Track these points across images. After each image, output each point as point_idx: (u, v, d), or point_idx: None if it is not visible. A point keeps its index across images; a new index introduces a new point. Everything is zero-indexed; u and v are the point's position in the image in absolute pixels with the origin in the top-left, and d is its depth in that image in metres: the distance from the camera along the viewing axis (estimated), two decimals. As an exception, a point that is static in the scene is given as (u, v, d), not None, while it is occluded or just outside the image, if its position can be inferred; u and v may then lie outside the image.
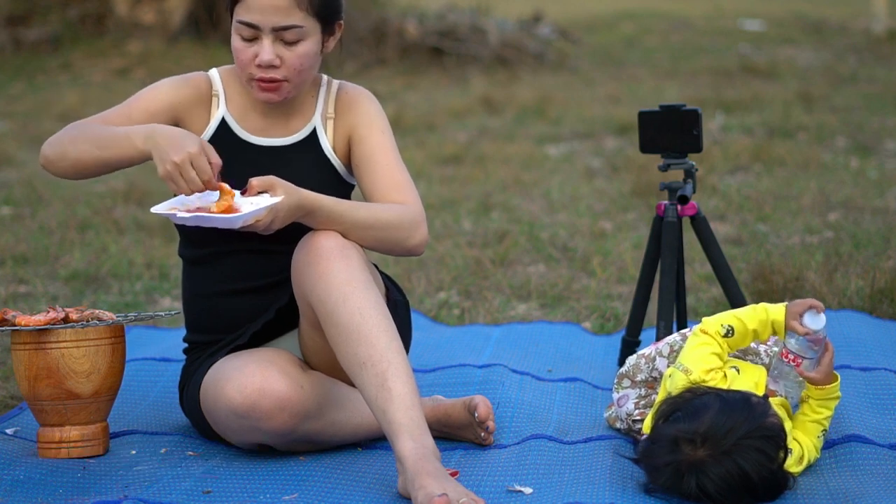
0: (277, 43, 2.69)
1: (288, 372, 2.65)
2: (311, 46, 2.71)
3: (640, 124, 3.32)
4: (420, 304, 4.17)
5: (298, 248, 2.68)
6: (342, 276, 2.60)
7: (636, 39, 12.72)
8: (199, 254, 2.86)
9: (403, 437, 2.44)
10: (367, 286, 2.61)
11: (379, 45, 11.04)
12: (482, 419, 2.79)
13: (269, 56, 2.68)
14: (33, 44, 11.74)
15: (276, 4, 2.66)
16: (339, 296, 2.58)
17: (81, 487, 2.55)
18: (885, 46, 11.40)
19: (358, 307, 2.56)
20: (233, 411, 2.62)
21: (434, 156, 7.16)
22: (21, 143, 8.00)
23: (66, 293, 4.38)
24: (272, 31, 2.67)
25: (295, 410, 2.62)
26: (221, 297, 2.84)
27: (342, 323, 2.56)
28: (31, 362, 2.70)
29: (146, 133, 2.63)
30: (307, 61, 2.72)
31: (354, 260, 2.63)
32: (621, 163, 6.72)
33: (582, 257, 4.73)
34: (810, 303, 2.63)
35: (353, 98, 2.86)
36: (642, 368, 2.89)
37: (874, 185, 5.91)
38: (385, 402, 2.48)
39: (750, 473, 2.35)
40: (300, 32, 2.68)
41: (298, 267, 2.67)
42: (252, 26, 2.68)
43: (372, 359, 2.52)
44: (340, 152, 2.85)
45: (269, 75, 2.71)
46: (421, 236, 2.76)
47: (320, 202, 2.63)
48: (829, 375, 2.65)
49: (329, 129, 2.84)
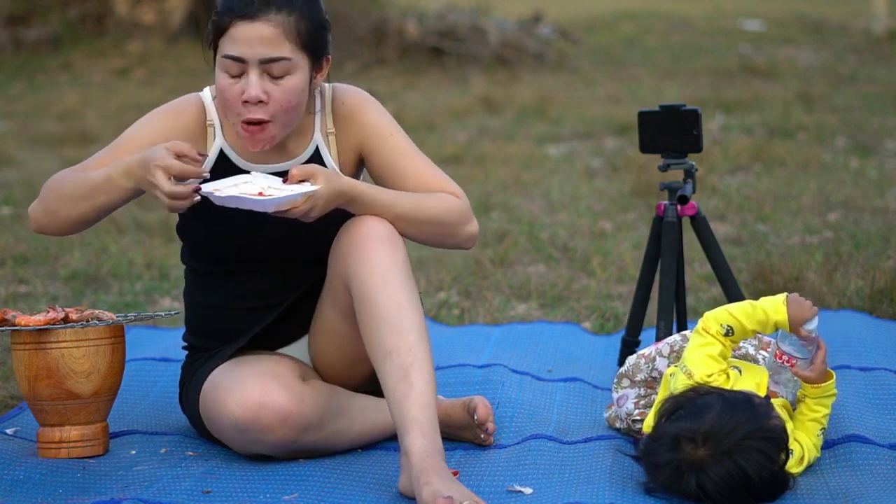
0: (264, 77, 2.58)
1: (289, 385, 2.63)
2: (298, 82, 2.61)
3: (640, 124, 3.32)
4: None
5: (344, 228, 2.64)
6: (387, 261, 2.58)
7: (636, 39, 12.72)
8: (203, 268, 2.83)
9: (415, 433, 2.43)
10: (408, 278, 2.59)
11: (379, 45, 11.04)
12: (481, 420, 2.78)
13: (255, 91, 2.57)
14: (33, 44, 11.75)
15: (264, 35, 2.56)
16: (381, 281, 2.56)
17: (81, 487, 2.55)
18: (885, 46, 11.39)
19: (395, 296, 2.55)
20: (233, 425, 2.62)
21: (434, 156, 7.10)
22: (21, 143, 8.00)
23: (66, 293, 4.38)
24: (259, 63, 2.57)
25: (296, 423, 2.61)
26: (224, 311, 2.82)
27: (378, 308, 2.54)
28: (31, 362, 2.70)
29: (125, 170, 2.56)
30: (294, 98, 2.61)
31: (400, 249, 2.61)
32: (621, 163, 6.72)
33: (582, 257, 4.73)
34: (814, 311, 2.62)
35: (352, 108, 2.78)
36: (642, 368, 2.89)
37: (874, 185, 5.91)
38: (403, 395, 2.47)
39: (750, 474, 2.35)
40: (288, 66, 2.59)
41: (341, 247, 2.63)
42: (238, 60, 2.57)
43: (399, 350, 2.51)
44: (347, 167, 2.78)
45: (256, 116, 2.60)
46: (473, 228, 2.73)
47: (360, 190, 2.59)
48: (824, 373, 2.65)
49: (332, 144, 2.77)
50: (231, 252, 2.77)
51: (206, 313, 2.86)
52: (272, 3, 2.57)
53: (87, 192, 2.62)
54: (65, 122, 8.78)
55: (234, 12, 2.57)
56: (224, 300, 2.82)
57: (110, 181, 2.58)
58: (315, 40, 2.63)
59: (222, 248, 2.77)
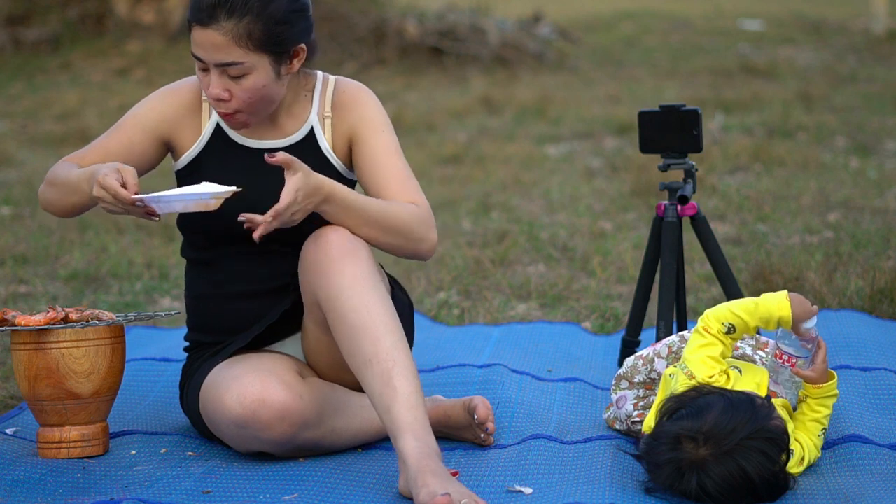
0: (224, 76, 2.67)
1: (287, 381, 2.64)
2: (258, 79, 2.67)
3: (640, 124, 3.32)
4: (420, 304, 4.17)
5: (307, 243, 2.68)
6: (351, 272, 2.60)
7: (636, 39, 12.71)
8: (202, 256, 2.86)
9: (407, 436, 2.44)
10: (376, 284, 2.61)
11: (379, 45, 11.04)
12: (482, 420, 2.79)
13: (215, 90, 2.67)
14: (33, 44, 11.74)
15: (214, 42, 2.63)
16: (348, 292, 2.58)
17: (81, 487, 2.55)
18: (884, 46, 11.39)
19: (365, 304, 2.57)
20: (232, 421, 2.63)
21: (434, 156, 7.16)
22: (21, 143, 8.00)
23: (66, 293, 4.38)
24: (216, 66, 2.66)
25: (294, 420, 2.62)
26: (224, 300, 2.84)
27: (349, 320, 2.56)
28: (30, 362, 2.70)
29: (87, 177, 2.65)
30: (256, 94, 2.68)
31: (363, 257, 2.63)
32: (621, 163, 6.72)
33: (582, 257, 4.73)
34: (815, 310, 2.62)
35: (353, 97, 2.84)
36: (640, 370, 2.89)
37: (874, 185, 5.91)
38: (389, 400, 2.48)
39: (751, 474, 2.35)
40: (243, 68, 2.65)
41: (307, 263, 2.66)
42: (200, 60, 2.67)
43: (378, 356, 2.52)
44: (340, 151, 2.83)
45: (221, 109, 2.70)
46: (433, 240, 2.76)
47: (337, 189, 2.62)
48: (825, 373, 2.65)
49: (327, 128, 2.82)
50: (225, 238, 2.79)
51: (206, 304, 2.88)
52: (221, 11, 2.62)
53: (68, 190, 2.73)
54: (64, 122, 8.79)
55: (192, 17, 2.66)
56: (219, 287, 2.84)
57: (79, 186, 2.69)
58: (272, 38, 2.65)
59: (218, 233, 2.80)
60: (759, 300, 2.62)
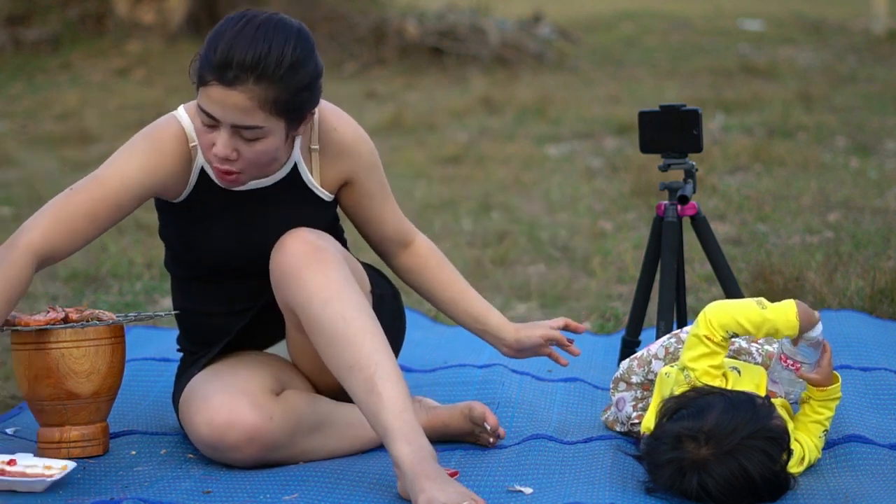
0: (235, 136, 2.52)
1: (258, 403, 2.61)
2: (271, 143, 2.55)
3: (640, 124, 3.32)
4: (420, 304, 4.16)
5: (273, 253, 2.64)
6: (319, 280, 2.55)
7: (636, 39, 12.71)
8: (185, 275, 2.85)
9: (398, 442, 2.41)
10: (346, 286, 2.56)
11: (379, 45, 11.04)
12: (493, 427, 2.78)
13: (223, 151, 2.53)
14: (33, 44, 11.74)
15: (237, 104, 2.48)
16: (319, 301, 2.54)
17: (81, 487, 2.55)
18: (884, 46, 11.39)
19: (339, 311, 2.52)
20: (201, 442, 2.63)
21: (434, 156, 7.16)
22: (21, 143, 8.00)
23: (66, 293, 4.38)
24: (231, 126, 2.51)
25: (264, 442, 2.61)
26: (208, 317, 2.84)
27: (325, 329, 2.52)
28: (31, 362, 2.70)
29: None
30: (265, 157, 2.57)
31: (329, 260, 2.58)
32: (621, 163, 6.72)
33: (582, 257, 4.73)
34: (818, 317, 2.61)
35: (351, 140, 2.76)
36: (636, 371, 2.89)
37: (874, 185, 5.91)
38: (376, 407, 2.45)
39: (752, 474, 2.35)
40: (260, 132, 2.52)
41: (275, 275, 2.62)
42: (211, 117, 2.52)
43: (359, 363, 2.48)
44: (329, 186, 2.77)
45: (224, 167, 2.57)
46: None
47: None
48: (830, 376, 2.64)
49: (314, 162, 2.74)
50: (207, 260, 2.77)
51: (189, 319, 2.88)
52: (251, 74, 2.47)
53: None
54: (64, 122, 8.78)
55: (214, 75, 2.49)
56: (203, 304, 2.83)
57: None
58: (294, 105, 2.54)
59: (199, 255, 2.78)
60: (766, 314, 2.56)
